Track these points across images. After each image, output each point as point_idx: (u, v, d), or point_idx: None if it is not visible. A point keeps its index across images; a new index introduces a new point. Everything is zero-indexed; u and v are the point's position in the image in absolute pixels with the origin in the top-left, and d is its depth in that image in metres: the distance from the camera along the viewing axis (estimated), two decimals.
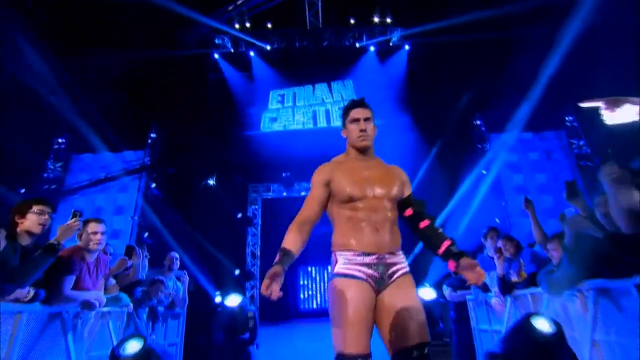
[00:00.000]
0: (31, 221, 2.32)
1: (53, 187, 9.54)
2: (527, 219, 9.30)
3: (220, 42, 11.30)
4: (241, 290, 7.65)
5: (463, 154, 9.36)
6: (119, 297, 3.14)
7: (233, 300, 5.01)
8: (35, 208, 2.35)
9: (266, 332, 5.73)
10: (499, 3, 8.44)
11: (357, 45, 11.29)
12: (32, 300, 2.19)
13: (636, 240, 1.92)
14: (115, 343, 2.96)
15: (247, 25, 11.22)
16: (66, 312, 2.44)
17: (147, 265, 4.00)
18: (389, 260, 1.62)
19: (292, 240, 1.56)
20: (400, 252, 1.70)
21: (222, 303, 5.24)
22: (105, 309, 2.88)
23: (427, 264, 7.24)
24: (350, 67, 11.31)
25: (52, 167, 9.77)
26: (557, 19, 7.51)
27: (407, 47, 11.07)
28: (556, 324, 1.93)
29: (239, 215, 9.71)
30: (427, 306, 4.76)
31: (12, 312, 2.03)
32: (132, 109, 9.64)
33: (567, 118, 9.59)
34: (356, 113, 1.84)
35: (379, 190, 1.69)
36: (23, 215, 2.33)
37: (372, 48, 11.26)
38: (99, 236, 2.75)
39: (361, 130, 1.80)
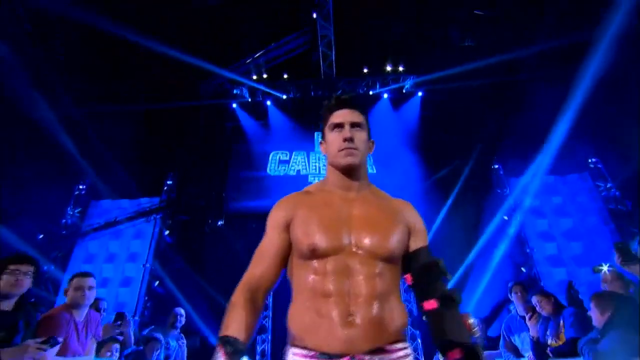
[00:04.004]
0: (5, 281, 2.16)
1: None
2: (556, 268, 8.59)
3: (238, 92, 11.74)
4: (251, 347, 7.18)
5: (482, 200, 9.05)
6: None
7: None
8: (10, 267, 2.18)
9: None
10: (510, 48, 8.52)
11: (371, 92, 11.52)
12: None
13: None
14: None
15: (264, 76, 11.70)
16: None
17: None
18: None
19: (237, 323, 1.04)
20: (401, 345, 1.05)
21: None
22: None
23: None
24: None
25: (71, 212, 9.93)
26: (575, 59, 7.43)
27: (420, 93, 11.20)
28: None
29: None
30: None
31: None
32: (150, 157, 9.92)
33: (590, 160, 9.22)
34: (338, 116, 1.24)
35: (364, 240, 1.07)
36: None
37: (385, 95, 11.45)
38: (84, 291, 2.58)
39: (345, 140, 1.18)
